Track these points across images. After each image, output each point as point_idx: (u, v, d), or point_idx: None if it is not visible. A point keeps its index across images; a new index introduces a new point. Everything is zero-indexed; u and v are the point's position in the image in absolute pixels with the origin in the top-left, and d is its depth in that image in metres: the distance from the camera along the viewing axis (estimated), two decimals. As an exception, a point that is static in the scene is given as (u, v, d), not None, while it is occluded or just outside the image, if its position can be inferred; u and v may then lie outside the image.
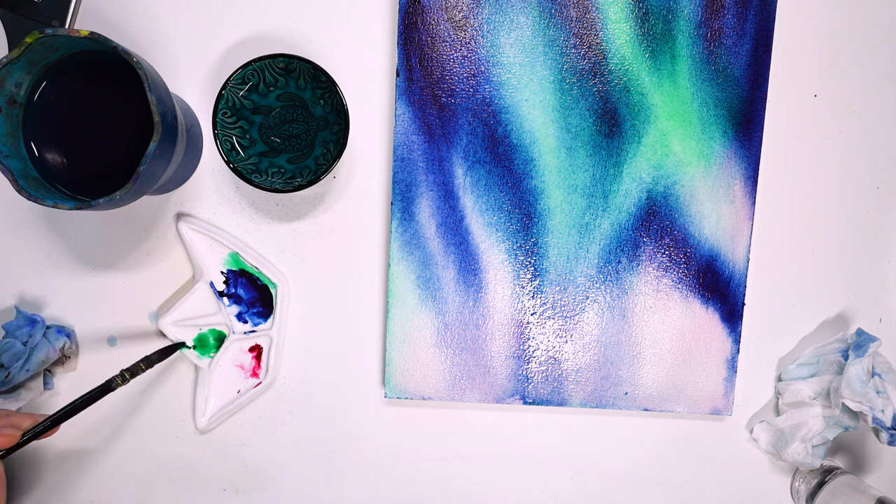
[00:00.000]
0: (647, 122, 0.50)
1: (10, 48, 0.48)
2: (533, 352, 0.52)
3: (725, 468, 0.56)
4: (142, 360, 0.46)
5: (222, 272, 0.49)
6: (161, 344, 0.50)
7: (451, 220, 0.50)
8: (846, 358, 0.52)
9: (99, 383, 0.45)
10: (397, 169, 0.49)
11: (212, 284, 0.49)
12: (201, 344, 0.50)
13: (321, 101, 0.48)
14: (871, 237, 0.56)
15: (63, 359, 0.49)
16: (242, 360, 0.50)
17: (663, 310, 0.52)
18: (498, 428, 0.54)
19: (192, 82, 0.50)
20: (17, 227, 0.50)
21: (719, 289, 0.52)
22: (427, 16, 0.48)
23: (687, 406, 0.53)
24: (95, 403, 0.51)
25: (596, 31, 0.49)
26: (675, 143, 0.51)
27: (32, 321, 0.48)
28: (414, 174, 0.50)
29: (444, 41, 0.49)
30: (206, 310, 0.50)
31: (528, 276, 0.51)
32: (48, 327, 0.49)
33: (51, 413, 0.43)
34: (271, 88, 0.47)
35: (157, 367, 0.52)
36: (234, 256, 0.49)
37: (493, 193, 0.50)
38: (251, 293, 0.50)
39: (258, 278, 0.50)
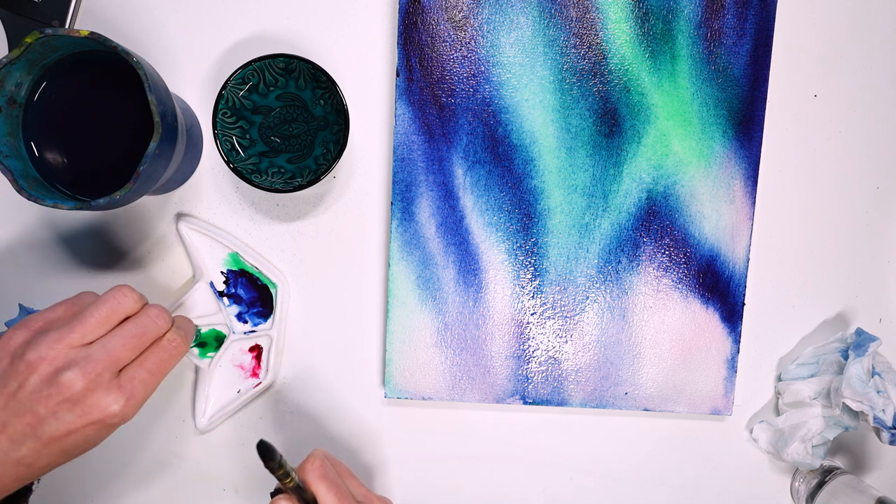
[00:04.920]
0: (647, 122, 0.50)
1: (10, 48, 0.48)
2: (533, 352, 0.52)
3: (725, 468, 0.56)
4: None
5: (222, 272, 0.49)
6: None
7: (451, 220, 0.50)
8: (846, 358, 0.52)
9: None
10: (397, 169, 0.49)
11: (212, 284, 0.49)
12: (201, 344, 0.50)
13: (321, 101, 0.48)
14: (871, 237, 0.56)
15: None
16: (242, 360, 0.50)
17: (663, 310, 0.52)
18: (498, 428, 0.54)
19: (192, 82, 0.50)
20: (17, 227, 0.50)
21: (719, 289, 0.52)
22: (427, 16, 0.48)
23: (687, 406, 0.53)
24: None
25: (596, 31, 0.49)
26: (675, 143, 0.51)
27: None
28: (414, 174, 0.50)
29: (444, 41, 0.49)
30: (206, 310, 0.50)
31: (528, 276, 0.51)
32: (48, 327, 0.49)
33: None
34: (271, 88, 0.47)
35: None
36: (234, 256, 0.49)
37: (493, 193, 0.50)
38: (251, 293, 0.50)
39: (258, 278, 0.50)
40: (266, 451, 0.35)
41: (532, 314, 0.51)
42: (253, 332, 0.50)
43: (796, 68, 0.54)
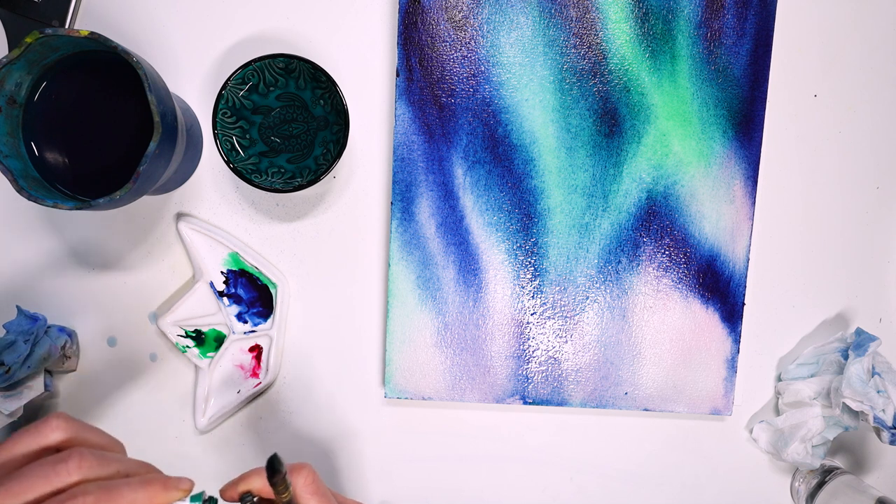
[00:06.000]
0: (647, 122, 0.50)
1: (10, 48, 0.48)
2: (533, 352, 0.52)
3: (725, 468, 0.56)
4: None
5: (222, 272, 0.49)
6: (166, 343, 0.50)
7: (451, 220, 0.50)
8: (846, 357, 0.52)
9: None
10: (397, 169, 0.49)
11: (212, 284, 0.49)
12: (201, 344, 0.50)
13: (321, 101, 0.48)
14: (871, 237, 0.56)
15: (63, 358, 0.49)
16: (242, 360, 0.50)
17: (663, 310, 0.52)
18: (498, 428, 0.54)
19: (192, 82, 0.50)
20: (17, 227, 0.50)
21: (719, 289, 0.52)
22: (427, 16, 0.48)
23: (687, 406, 0.53)
24: (96, 403, 0.52)
25: (596, 31, 0.49)
26: (675, 143, 0.51)
27: (34, 319, 0.48)
28: (414, 174, 0.50)
29: (444, 41, 0.49)
30: (206, 310, 0.50)
31: (528, 276, 0.51)
32: (49, 326, 0.49)
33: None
34: (271, 88, 0.47)
35: (158, 367, 0.52)
36: (234, 256, 0.49)
37: (493, 193, 0.50)
38: (251, 293, 0.50)
39: (258, 278, 0.50)
40: (279, 465, 0.33)
41: (532, 314, 0.51)
42: (253, 332, 0.50)
43: (796, 68, 0.54)
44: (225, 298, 0.50)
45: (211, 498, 0.35)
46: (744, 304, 0.53)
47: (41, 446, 0.31)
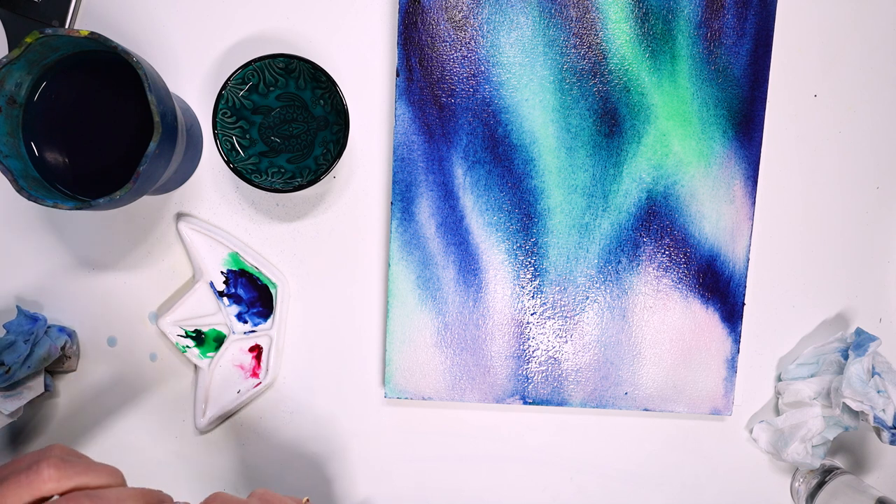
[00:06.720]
0: (647, 122, 0.50)
1: (10, 48, 0.48)
2: (533, 352, 0.52)
3: (725, 468, 0.56)
4: None
5: (222, 272, 0.49)
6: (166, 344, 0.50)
7: (451, 220, 0.50)
8: (846, 357, 0.52)
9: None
10: (397, 169, 0.49)
11: (212, 284, 0.49)
12: (201, 344, 0.50)
13: (321, 101, 0.48)
14: (871, 237, 0.56)
15: (64, 358, 0.49)
16: (242, 360, 0.50)
17: (663, 310, 0.52)
18: (498, 428, 0.54)
19: (192, 82, 0.50)
20: (17, 227, 0.50)
21: (719, 289, 0.52)
22: (427, 16, 0.48)
23: (687, 406, 0.53)
24: (96, 403, 0.52)
25: (596, 31, 0.49)
26: (675, 143, 0.51)
27: (34, 319, 0.48)
28: (414, 174, 0.50)
29: (444, 41, 0.49)
30: (206, 310, 0.50)
31: (528, 276, 0.51)
32: (49, 326, 0.49)
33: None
34: (271, 88, 0.47)
35: (158, 367, 0.52)
36: (234, 256, 0.49)
37: (493, 193, 0.50)
38: (251, 293, 0.50)
39: (258, 278, 0.50)
40: None
41: (532, 314, 0.51)
42: (253, 332, 0.50)
43: (796, 68, 0.54)
44: (225, 298, 0.50)
45: None
46: (744, 304, 0.53)
47: (34, 498, 0.30)
